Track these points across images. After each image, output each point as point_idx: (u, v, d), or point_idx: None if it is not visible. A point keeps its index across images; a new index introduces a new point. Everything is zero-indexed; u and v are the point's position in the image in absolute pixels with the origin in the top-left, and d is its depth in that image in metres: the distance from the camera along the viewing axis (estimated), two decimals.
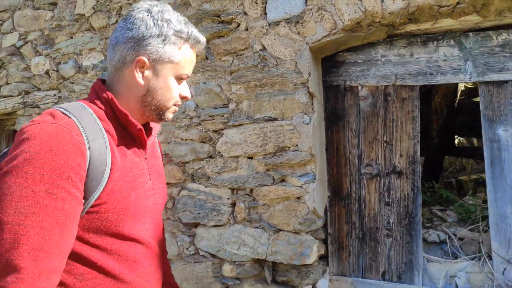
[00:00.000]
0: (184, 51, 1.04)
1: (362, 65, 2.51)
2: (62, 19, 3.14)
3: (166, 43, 1.00)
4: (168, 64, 1.01)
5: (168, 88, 1.03)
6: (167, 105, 1.05)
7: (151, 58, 0.99)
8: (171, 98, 1.05)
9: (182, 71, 1.04)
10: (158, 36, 0.99)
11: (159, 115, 1.06)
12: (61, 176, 0.81)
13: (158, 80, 1.01)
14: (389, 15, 2.23)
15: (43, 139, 0.82)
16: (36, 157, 0.79)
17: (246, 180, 2.47)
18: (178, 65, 1.03)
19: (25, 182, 0.78)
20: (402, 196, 2.36)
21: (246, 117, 2.52)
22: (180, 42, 1.02)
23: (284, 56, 2.42)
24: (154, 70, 1.01)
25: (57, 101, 3.15)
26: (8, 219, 0.76)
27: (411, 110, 2.40)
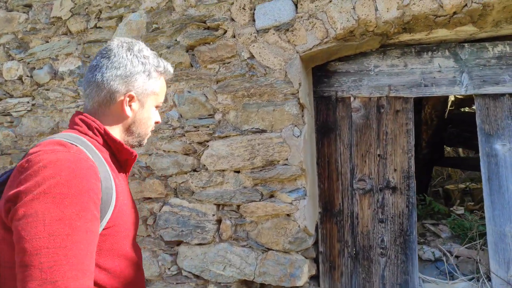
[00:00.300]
0: (161, 82, 1.18)
1: (355, 75, 2.41)
2: (37, 22, 2.95)
3: (150, 78, 1.12)
4: (151, 96, 1.14)
5: (150, 117, 1.16)
6: (147, 132, 1.18)
7: (138, 92, 1.10)
8: (151, 125, 1.19)
9: (160, 100, 1.19)
10: (143, 72, 1.10)
11: (139, 142, 1.19)
12: (88, 199, 0.85)
13: (143, 111, 1.13)
14: (383, 24, 2.14)
15: (64, 165, 0.85)
16: (63, 182, 0.82)
17: (233, 196, 2.33)
18: (158, 95, 1.17)
19: (55, 206, 0.80)
20: (396, 212, 2.25)
21: (233, 128, 2.38)
22: (158, 75, 1.16)
23: (273, 65, 2.30)
24: (140, 103, 1.12)
25: (31, 109, 2.95)
26: (44, 244, 0.77)
27: (405, 122, 2.31)
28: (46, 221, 0.78)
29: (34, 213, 0.79)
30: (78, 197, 0.83)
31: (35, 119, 2.92)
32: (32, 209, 0.79)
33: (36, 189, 0.81)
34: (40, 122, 2.91)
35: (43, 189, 0.81)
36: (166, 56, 2.55)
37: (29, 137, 2.93)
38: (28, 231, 0.77)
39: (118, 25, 2.72)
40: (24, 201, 0.80)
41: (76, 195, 0.83)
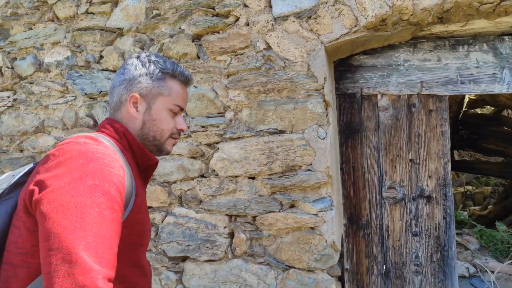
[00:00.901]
0: (172, 85, 1.14)
1: (382, 70, 2.16)
2: (19, 6, 2.61)
3: (154, 79, 1.11)
4: (159, 97, 1.11)
5: (161, 119, 1.12)
6: (163, 136, 1.13)
7: (142, 94, 1.11)
8: (165, 129, 1.13)
9: (173, 102, 1.13)
10: (146, 74, 1.11)
11: (158, 147, 1.14)
12: (116, 190, 0.86)
13: (151, 112, 1.11)
14: (421, 12, 1.89)
15: (95, 156, 0.87)
16: (94, 172, 0.84)
17: (248, 206, 2.05)
18: (168, 98, 1.12)
19: (86, 194, 0.81)
20: (432, 225, 2.01)
21: (246, 128, 2.10)
22: (167, 77, 1.13)
23: (294, 57, 2.03)
24: (146, 104, 1.11)
25: (12, 105, 2.60)
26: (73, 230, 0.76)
27: (440, 123, 2.07)
28: (77, 208, 0.78)
29: (65, 200, 0.79)
30: (107, 188, 0.84)
31: (17, 116, 2.57)
32: (63, 196, 0.80)
33: (66, 176, 0.82)
34: (22, 120, 2.56)
35: (74, 177, 0.82)
36: (169, 46, 2.24)
37: (10, 137, 2.58)
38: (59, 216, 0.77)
39: (113, 10, 2.40)
40: (55, 187, 0.81)
41: (105, 186, 0.84)
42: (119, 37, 2.38)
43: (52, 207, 0.78)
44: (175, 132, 1.15)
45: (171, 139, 1.15)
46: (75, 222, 0.76)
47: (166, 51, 2.26)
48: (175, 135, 1.16)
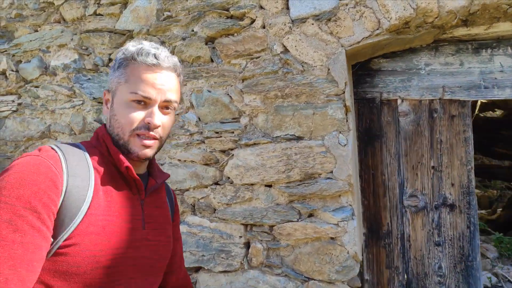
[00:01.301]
0: (132, 70, 0.96)
1: (402, 74, 2.09)
2: (24, 7, 2.53)
3: (116, 69, 0.99)
4: (118, 87, 0.97)
5: (120, 112, 0.95)
6: (124, 132, 0.95)
7: (110, 88, 1.00)
8: (125, 124, 0.94)
9: (133, 90, 0.94)
10: (113, 66, 1.00)
11: (126, 148, 0.95)
12: (25, 206, 0.78)
13: (113, 106, 0.97)
14: (446, 14, 1.83)
15: (19, 169, 0.82)
16: (6, 186, 0.79)
17: (265, 214, 1.97)
18: (127, 84, 0.95)
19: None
20: (455, 234, 1.94)
21: (262, 134, 2.03)
22: (129, 63, 0.97)
23: (313, 60, 1.96)
24: (111, 99, 0.99)
25: (16, 109, 2.51)
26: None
27: (463, 130, 2.00)
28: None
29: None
30: (15, 203, 0.77)
31: (22, 121, 2.49)
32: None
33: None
34: (27, 125, 2.48)
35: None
36: (181, 49, 2.17)
37: (15, 142, 2.50)
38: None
39: (122, 12, 2.32)
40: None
41: (14, 201, 0.77)
42: (128, 40, 2.31)
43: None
44: (140, 127, 0.93)
45: (137, 137, 0.94)
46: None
47: (178, 54, 2.18)
48: (141, 130, 0.93)
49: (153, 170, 1.06)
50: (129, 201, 0.95)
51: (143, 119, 0.94)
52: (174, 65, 0.99)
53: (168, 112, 0.99)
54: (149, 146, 0.95)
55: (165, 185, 1.15)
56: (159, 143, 0.99)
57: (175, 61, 1.00)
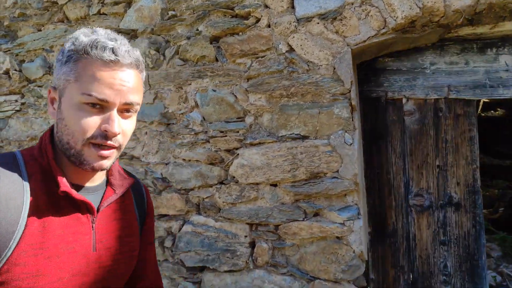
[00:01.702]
0: (85, 66, 0.80)
1: (407, 73, 2.09)
2: (28, 7, 2.52)
3: (63, 63, 0.82)
4: (67, 86, 0.81)
5: (71, 117, 0.80)
6: (76, 141, 0.80)
7: (56, 85, 0.84)
8: (77, 131, 0.80)
9: (86, 91, 0.79)
10: (58, 59, 0.84)
11: (77, 159, 0.82)
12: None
13: (61, 108, 0.82)
14: (453, 13, 1.82)
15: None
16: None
17: (270, 214, 1.97)
18: (78, 84, 0.79)
19: None
20: (461, 233, 1.94)
21: (267, 133, 2.02)
22: (80, 57, 0.80)
23: (319, 60, 1.96)
24: (59, 99, 0.83)
25: (20, 109, 2.51)
26: None
27: (468, 129, 2.00)
28: None
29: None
30: None
31: (25, 120, 2.49)
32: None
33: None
34: (31, 124, 2.47)
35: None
36: (186, 48, 2.17)
37: (18, 142, 2.49)
38: None
39: (126, 11, 2.32)
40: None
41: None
42: (133, 39, 2.30)
43: None
44: (96, 135, 0.80)
45: (92, 146, 0.81)
46: None
47: (182, 53, 2.18)
48: (97, 139, 0.80)
49: (113, 178, 0.93)
50: (75, 222, 0.83)
51: (100, 126, 0.80)
52: (136, 60, 0.85)
53: (129, 116, 0.86)
54: (107, 157, 0.82)
55: (136, 183, 1.03)
56: (118, 152, 0.86)
57: (137, 55, 0.86)
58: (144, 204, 1.04)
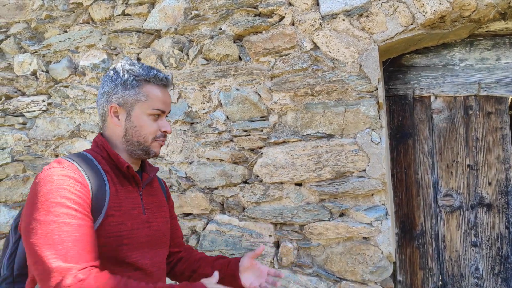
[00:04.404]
0: (148, 90, 1.18)
1: (436, 70, 2.04)
2: (54, 9, 2.57)
3: (129, 87, 1.17)
4: (137, 104, 1.17)
5: (142, 125, 1.17)
6: (147, 140, 1.18)
7: (120, 103, 1.17)
8: (148, 133, 1.18)
9: (151, 107, 1.17)
10: (121, 84, 1.17)
11: (144, 151, 1.19)
12: (72, 201, 0.99)
13: (132, 119, 1.17)
14: (485, 7, 1.77)
15: (53, 178, 1.01)
16: (50, 192, 0.99)
17: (295, 214, 1.95)
18: (146, 103, 1.17)
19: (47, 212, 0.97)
20: (493, 235, 1.88)
21: (291, 132, 2.00)
22: (142, 83, 1.17)
23: (344, 57, 1.92)
24: (126, 113, 1.17)
25: (47, 109, 2.56)
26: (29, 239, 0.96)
27: (500, 127, 1.94)
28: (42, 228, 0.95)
29: (32, 225, 0.96)
30: (62, 202, 0.98)
31: (52, 120, 2.53)
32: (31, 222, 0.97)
33: (30, 204, 0.99)
34: (58, 124, 2.52)
35: (35, 202, 0.99)
36: (209, 47, 2.17)
37: (45, 141, 2.54)
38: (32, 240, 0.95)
39: (150, 11, 2.33)
40: (26, 216, 0.99)
41: (60, 200, 0.98)
42: (156, 39, 2.32)
43: (27, 233, 0.96)
44: (159, 135, 1.20)
45: (156, 141, 1.20)
46: (44, 238, 0.93)
47: (206, 53, 2.18)
48: (160, 137, 1.20)
49: (145, 167, 1.28)
50: (131, 193, 1.17)
51: (160, 128, 1.19)
52: (171, 82, 1.28)
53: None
54: (162, 145, 1.24)
55: (157, 177, 1.40)
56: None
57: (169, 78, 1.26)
58: (164, 189, 1.42)
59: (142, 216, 1.17)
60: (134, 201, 1.16)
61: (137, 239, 1.12)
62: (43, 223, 0.95)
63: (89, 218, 1.01)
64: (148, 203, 1.22)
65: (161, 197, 1.32)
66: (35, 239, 0.93)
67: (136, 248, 1.11)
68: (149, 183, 1.27)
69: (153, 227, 1.20)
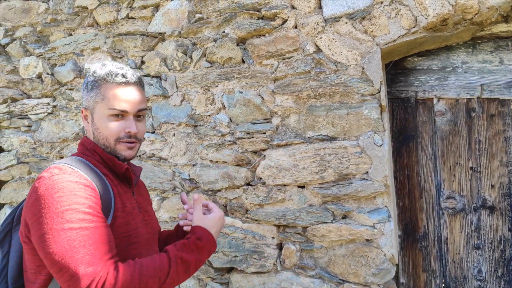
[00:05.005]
0: (105, 89, 1.15)
1: (438, 73, 2.04)
2: (59, 12, 2.60)
3: (89, 90, 1.17)
4: (96, 105, 1.16)
5: (102, 126, 1.15)
6: (110, 142, 1.16)
7: (86, 106, 1.19)
8: (109, 135, 1.15)
9: (108, 107, 1.14)
10: (86, 87, 1.19)
11: (112, 154, 1.17)
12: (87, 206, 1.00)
13: (94, 122, 1.17)
14: (487, 10, 1.77)
15: (60, 185, 1.00)
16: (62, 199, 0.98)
17: (298, 216, 1.96)
18: (103, 103, 1.14)
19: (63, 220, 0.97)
20: (496, 237, 1.88)
21: (294, 135, 2.02)
22: (101, 83, 1.15)
23: (347, 60, 1.93)
24: (91, 115, 1.18)
25: (52, 111, 2.58)
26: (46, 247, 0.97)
27: (503, 129, 1.94)
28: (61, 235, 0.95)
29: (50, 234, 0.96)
30: (78, 208, 0.98)
31: (57, 123, 2.56)
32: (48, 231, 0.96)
33: (43, 212, 0.98)
34: (62, 127, 2.54)
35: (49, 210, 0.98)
36: (212, 50, 2.18)
37: (50, 144, 2.56)
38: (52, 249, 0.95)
39: (154, 15, 2.35)
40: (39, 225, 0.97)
41: (75, 207, 0.98)
42: (160, 42, 2.34)
43: (45, 243, 0.95)
44: (123, 136, 1.15)
45: (122, 143, 1.16)
46: (65, 246, 0.94)
47: (209, 56, 2.20)
48: (123, 138, 1.15)
49: (131, 166, 1.29)
50: (128, 194, 1.19)
51: (123, 129, 1.15)
52: (139, 79, 1.20)
53: (141, 119, 1.21)
54: (132, 148, 1.18)
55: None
56: (139, 145, 1.23)
57: (139, 75, 1.22)
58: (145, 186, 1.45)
59: (139, 215, 1.20)
60: (131, 201, 1.19)
61: (140, 237, 1.15)
62: (61, 231, 0.95)
63: (103, 219, 1.03)
64: (140, 202, 1.25)
65: (147, 195, 1.37)
66: (55, 248, 0.94)
67: (143, 246, 1.15)
68: (136, 183, 1.31)
69: (149, 224, 1.24)
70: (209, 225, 1.16)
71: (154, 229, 1.27)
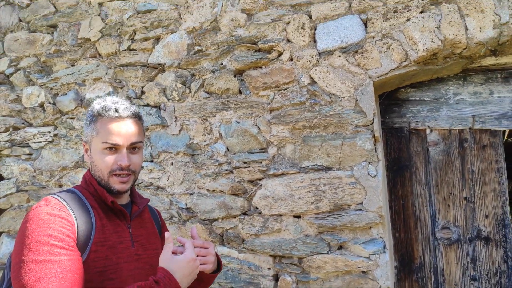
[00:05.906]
0: (100, 124, 1.19)
1: (430, 104, 2.09)
2: (63, 44, 2.68)
3: (88, 124, 1.22)
4: (93, 139, 1.20)
5: (97, 159, 1.19)
6: (104, 175, 1.18)
7: (85, 140, 1.24)
8: (103, 168, 1.18)
9: (103, 140, 1.17)
10: (86, 121, 1.23)
11: (106, 187, 1.19)
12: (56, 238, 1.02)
13: (92, 155, 1.21)
14: (475, 45, 1.83)
15: (39, 217, 1.05)
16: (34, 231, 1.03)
17: (294, 246, 1.96)
18: (98, 137, 1.18)
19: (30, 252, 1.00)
20: (492, 269, 1.88)
21: (290, 164, 2.04)
22: (97, 118, 1.19)
23: (341, 92, 1.99)
24: (89, 149, 1.22)
25: (52, 140, 2.62)
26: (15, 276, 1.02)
27: (495, 160, 1.96)
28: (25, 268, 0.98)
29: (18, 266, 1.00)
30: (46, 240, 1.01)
31: (57, 151, 2.60)
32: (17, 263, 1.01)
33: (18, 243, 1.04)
34: (62, 155, 2.58)
35: (21, 241, 1.03)
36: (211, 81, 2.24)
37: (50, 172, 2.59)
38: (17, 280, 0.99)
39: (154, 47, 2.43)
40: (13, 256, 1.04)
41: (44, 239, 1.01)
42: (160, 73, 2.40)
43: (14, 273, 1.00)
44: (115, 169, 1.17)
45: (114, 176, 1.18)
46: (28, 277, 0.96)
47: (207, 86, 2.26)
48: (116, 171, 1.18)
49: (135, 198, 1.30)
50: (119, 227, 1.19)
51: (116, 162, 1.17)
52: (133, 113, 1.23)
53: (136, 152, 1.23)
54: (125, 182, 1.20)
55: (149, 207, 1.41)
56: (134, 177, 1.24)
57: (134, 109, 1.24)
58: (158, 219, 1.43)
59: (131, 249, 1.18)
60: (122, 235, 1.18)
61: (123, 273, 1.13)
62: (28, 262, 0.98)
63: (74, 252, 1.03)
64: (137, 236, 1.23)
65: (151, 228, 1.33)
66: (20, 279, 0.97)
67: (123, 282, 1.12)
68: (139, 215, 1.29)
69: (142, 259, 1.21)
70: (173, 268, 1.07)
71: (149, 265, 1.22)
